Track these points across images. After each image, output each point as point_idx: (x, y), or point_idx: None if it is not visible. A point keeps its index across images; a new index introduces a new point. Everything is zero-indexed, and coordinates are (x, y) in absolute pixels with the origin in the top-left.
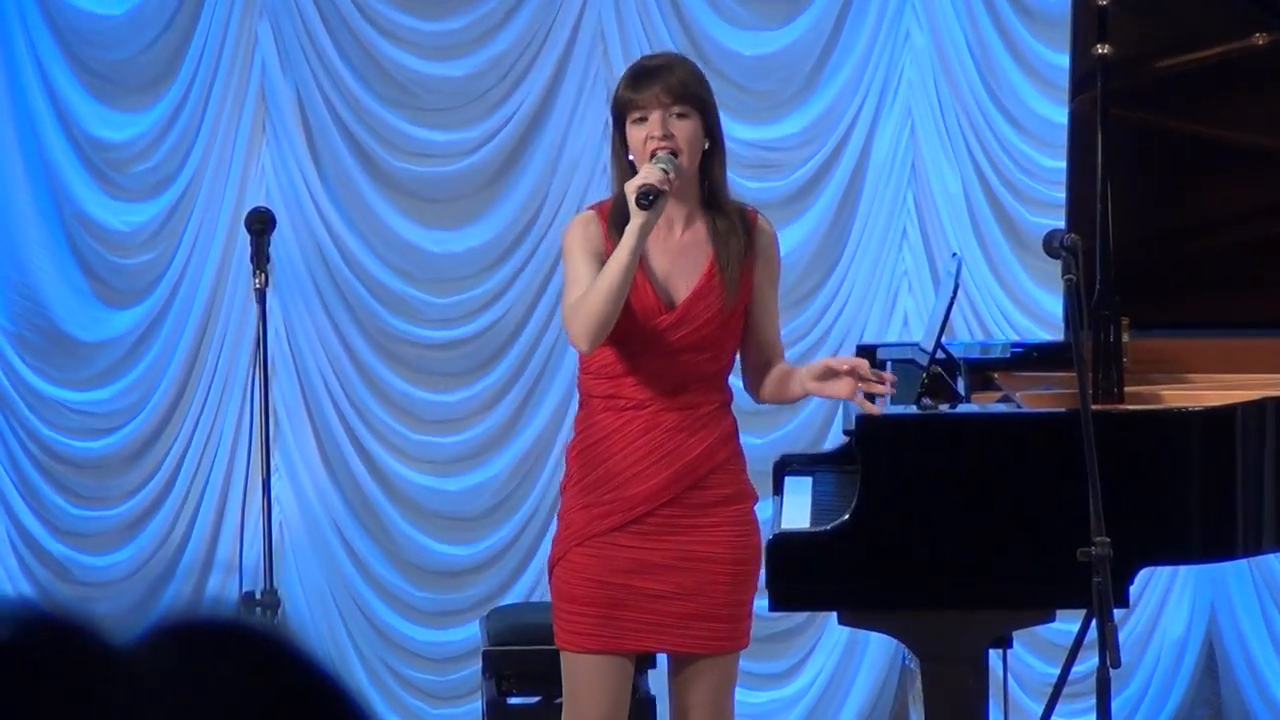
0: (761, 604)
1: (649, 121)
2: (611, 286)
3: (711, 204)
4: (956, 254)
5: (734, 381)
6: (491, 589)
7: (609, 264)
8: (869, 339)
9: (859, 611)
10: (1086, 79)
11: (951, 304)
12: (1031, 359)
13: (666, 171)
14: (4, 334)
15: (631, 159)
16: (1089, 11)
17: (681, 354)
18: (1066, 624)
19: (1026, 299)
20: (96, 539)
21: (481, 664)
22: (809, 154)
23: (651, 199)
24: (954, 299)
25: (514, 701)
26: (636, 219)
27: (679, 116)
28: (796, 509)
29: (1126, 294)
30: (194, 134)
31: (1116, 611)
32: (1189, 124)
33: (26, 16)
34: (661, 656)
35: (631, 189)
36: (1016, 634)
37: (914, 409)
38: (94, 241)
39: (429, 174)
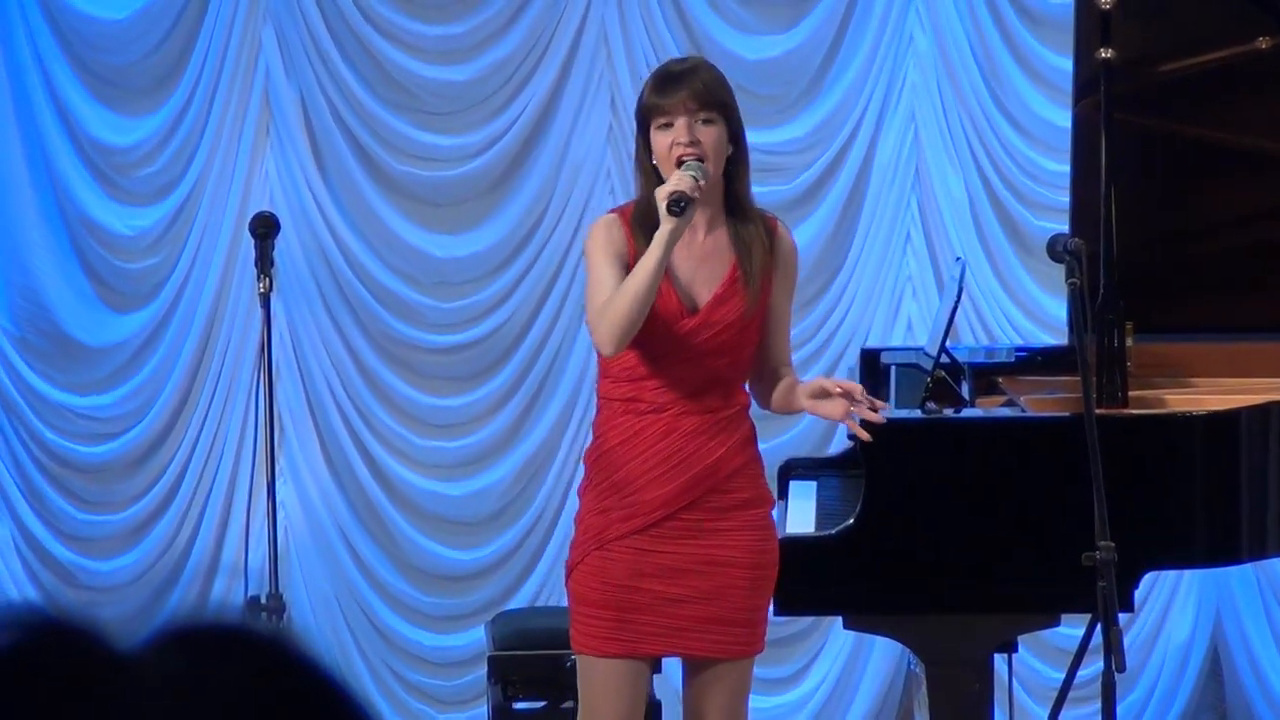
0: None
1: (675, 127)
2: (639, 291)
3: (735, 209)
4: (960, 258)
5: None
6: (496, 593)
7: (637, 269)
8: (873, 343)
9: (864, 615)
10: (1090, 83)
11: (955, 308)
12: (1035, 363)
13: (696, 179)
14: (8, 338)
15: (655, 164)
16: (1092, 15)
17: (703, 358)
18: (1071, 628)
19: (1030, 303)
20: (101, 543)
21: (487, 669)
22: (813, 158)
23: (683, 206)
24: (958, 303)
25: (520, 706)
26: (666, 225)
27: (705, 122)
28: (801, 513)
29: (1130, 298)
30: (198, 138)
31: (1121, 616)
32: (1192, 128)
33: (30, 21)
34: (669, 661)
35: (662, 196)
36: (1021, 638)
37: (918, 413)
38: (98, 246)
39: (433, 178)
